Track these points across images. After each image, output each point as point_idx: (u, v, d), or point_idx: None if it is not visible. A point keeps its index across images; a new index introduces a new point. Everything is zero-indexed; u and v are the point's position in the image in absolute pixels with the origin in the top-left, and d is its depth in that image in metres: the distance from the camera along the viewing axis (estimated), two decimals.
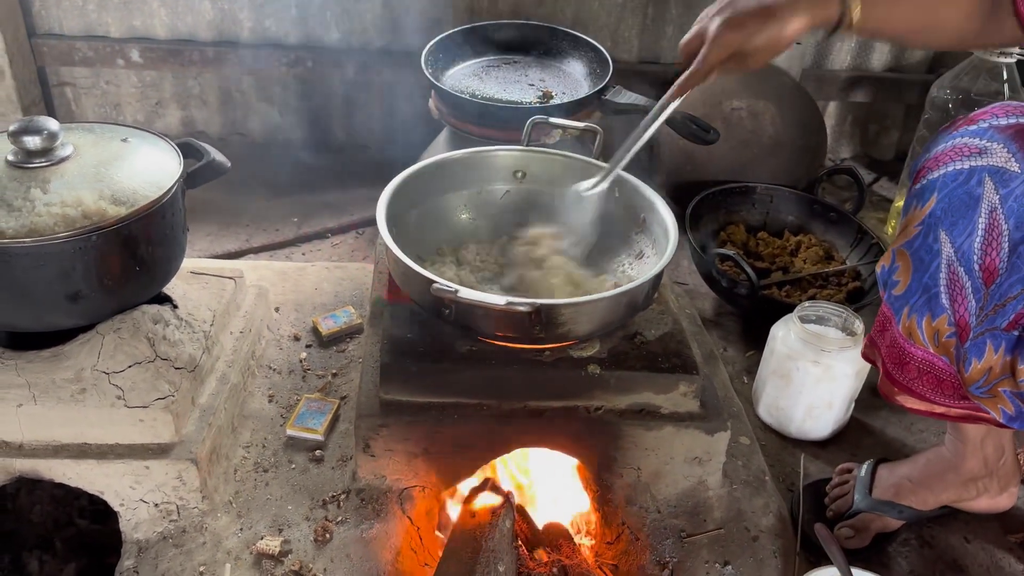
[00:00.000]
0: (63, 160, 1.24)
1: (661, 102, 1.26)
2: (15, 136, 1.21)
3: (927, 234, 1.07)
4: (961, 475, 1.38)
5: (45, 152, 1.23)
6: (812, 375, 1.51)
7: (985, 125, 1.07)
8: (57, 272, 1.18)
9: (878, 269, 1.16)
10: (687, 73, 1.18)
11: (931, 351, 1.10)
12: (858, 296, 1.90)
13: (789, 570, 1.31)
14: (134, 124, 2.44)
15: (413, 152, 2.12)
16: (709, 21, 1.13)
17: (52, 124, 1.23)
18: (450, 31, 2.08)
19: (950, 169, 1.06)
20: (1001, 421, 1.03)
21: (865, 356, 1.28)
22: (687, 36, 1.18)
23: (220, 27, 2.41)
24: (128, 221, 1.20)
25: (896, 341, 1.15)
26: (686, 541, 1.32)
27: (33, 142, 1.22)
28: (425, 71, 1.95)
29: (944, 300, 1.06)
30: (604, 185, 1.38)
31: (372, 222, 2.24)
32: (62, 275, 1.19)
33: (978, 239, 1.01)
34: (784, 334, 1.56)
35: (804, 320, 1.56)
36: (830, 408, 1.55)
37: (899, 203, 2.32)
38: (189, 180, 1.34)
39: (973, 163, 1.04)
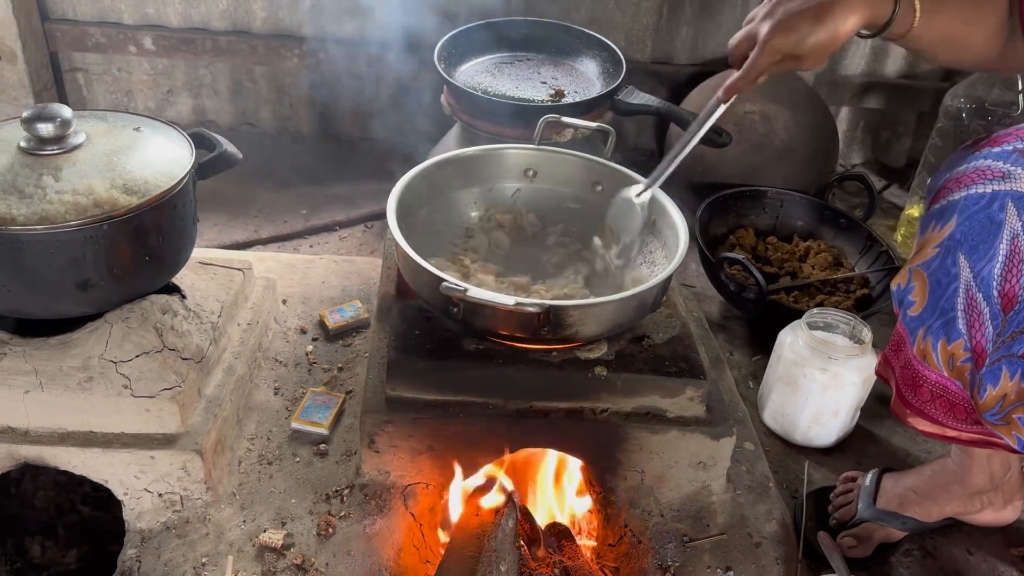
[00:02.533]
0: (75, 148, 1.24)
1: (708, 106, 1.23)
2: (28, 123, 1.21)
3: (945, 257, 1.05)
4: (966, 488, 1.37)
5: (58, 139, 1.23)
6: (819, 382, 1.51)
7: (1009, 148, 1.04)
8: (67, 260, 1.18)
9: (893, 287, 1.14)
10: (737, 76, 1.15)
11: (945, 374, 1.09)
12: (866, 303, 1.89)
13: None
14: (145, 112, 2.45)
15: (423, 147, 2.12)
16: (760, 23, 1.10)
17: (65, 111, 1.23)
18: (464, 27, 2.08)
19: (972, 192, 1.04)
20: (1016, 448, 1.02)
21: (879, 374, 1.27)
22: (736, 38, 1.16)
23: (233, 17, 2.41)
24: (139, 211, 1.20)
25: (910, 363, 1.13)
26: (688, 546, 1.32)
27: (46, 129, 1.22)
28: (438, 66, 1.95)
29: (961, 325, 1.04)
30: (654, 191, 1.38)
31: (381, 216, 2.26)
32: (72, 263, 1.19)
33: (998, 265, 0.99)
34: (792, 340, 1.55)
35: (812, 327, 1.55)
36: (836, 416, 1.55)
37: (910, 211, 2.31)
38: (200, 171, 1.34)
39: (996, 187, 1.02)
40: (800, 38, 1.06)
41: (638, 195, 1.39)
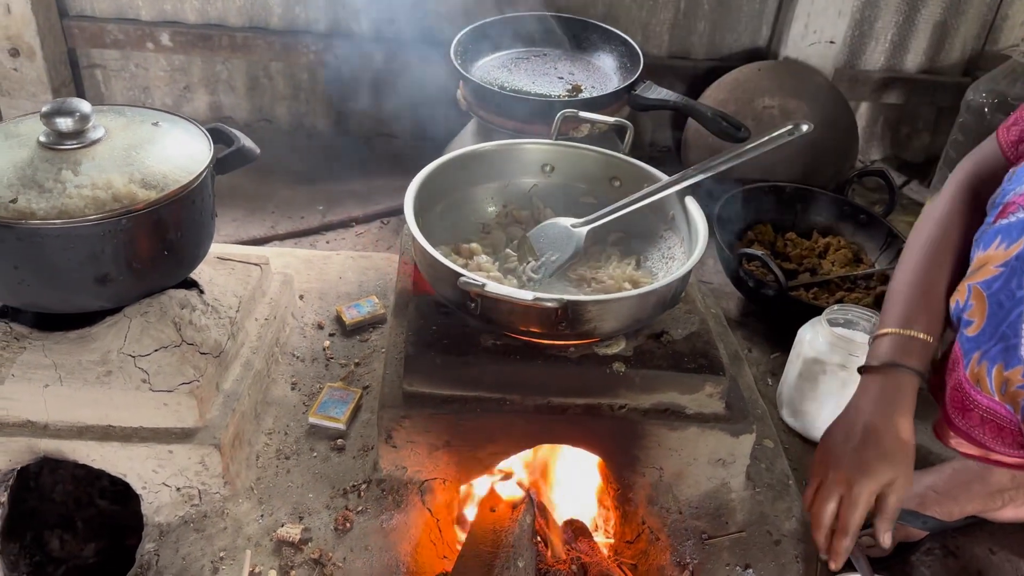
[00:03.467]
0: (94, 143, 1.24)
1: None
2: (48, 117, 1.21)
3: (1010, 278, 1.00)
4: (988, 486, 1.36)
5: (77, 134, 1.23)
6: (839, 379, 1.49)
7: None
8: (86, 254, 1.18)
9: (952, 303, 1.09)
10: (844, 540, 1.14)
11: (996, 399, 1.04)
12: None
13: (811, 575, 1.30)
14: (162, 108, 2.46)
15: (439, 143, 2.12)
16: (838, 486, 1.13)
17: (84, 106, 1.23)
18: (480, 22, 2.07)
19: None
20: None
21: (932, 391, 1.21)
22: (821, 505, 1.15)
23: (250, 13, 2.41)
24: (158, 205, 1.20)
25: (960, 385, 1.08)
26: (707, 543, 1.31)
27: (65, 124, 1.22)
28: (454, 62, 1.94)
29: (1023, 352, 0.99)
30: (591, 227, 1.40)
31: (397, 212, 2.26)
32: (91, 257, 1.19)
33: None
34: (812, 337, 1.54)
35: (832, 323, 1.54)
36: None
37: None
38: (219, 166, 1.34)
39: None
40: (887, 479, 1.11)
41: (575, 226, 1.40)
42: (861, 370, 1.19)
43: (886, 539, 1.14)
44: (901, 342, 1.15)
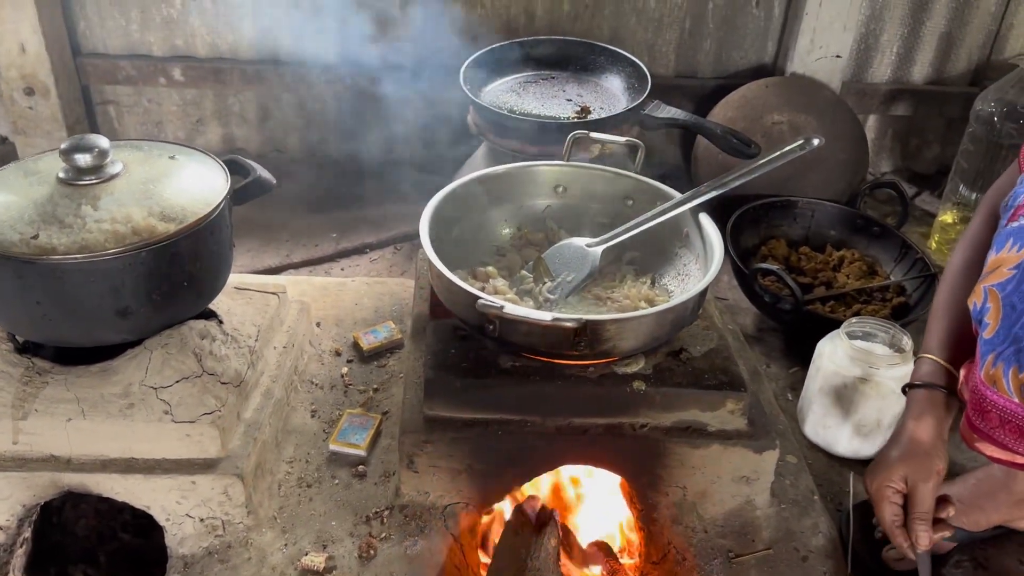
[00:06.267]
0: (113, 177, 1.26)
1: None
2: (66, 154, 1.23)
3: (1021, 281, 1.01)
4: (1012, 495, 1.34)
5: (95, 169, 1.25)
6: (860, 392, 1.48)
7: None
8: (107, 288, 1.19)
9: (970, 305, 1.10)
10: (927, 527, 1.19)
11: (1016, 400, 1.04)
12: (903, 312, 1.86)
13: None
14: (175, 141, 2.48)
15: (451, 168, 2.13)
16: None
17: (103, 141, 1.25)
18: (488, 47, 2.09)
19: None
20: None
21: (959, 394, 1.22)
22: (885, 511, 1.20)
23: (260, 46, 2.44)
24: (177, 238, 1.21)
25: (977, 387, 1.08)
26: (734, 562, 1.30)
27: (84, 159, 1.23)
28: (463, 87, 1.96)
29: None
30: (606, 245, 1.42)
31: (410, 237, 2.27)
32: (112, 291, 1.20)
33: None
34: (831, 351, 1.53)
35: (851, 336, 1.53)
36: (879, 426, 1.52)
37: (943, 217, 2.28)
38: (236, 197, 1.36)
39: None
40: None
41: (590, 245, 1.42)
42: (904, 390, 1.26)
43: (920, 539, 1.17)
44: (936, 369, 1.22)
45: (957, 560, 1.39)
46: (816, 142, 1.37)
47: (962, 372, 1.17)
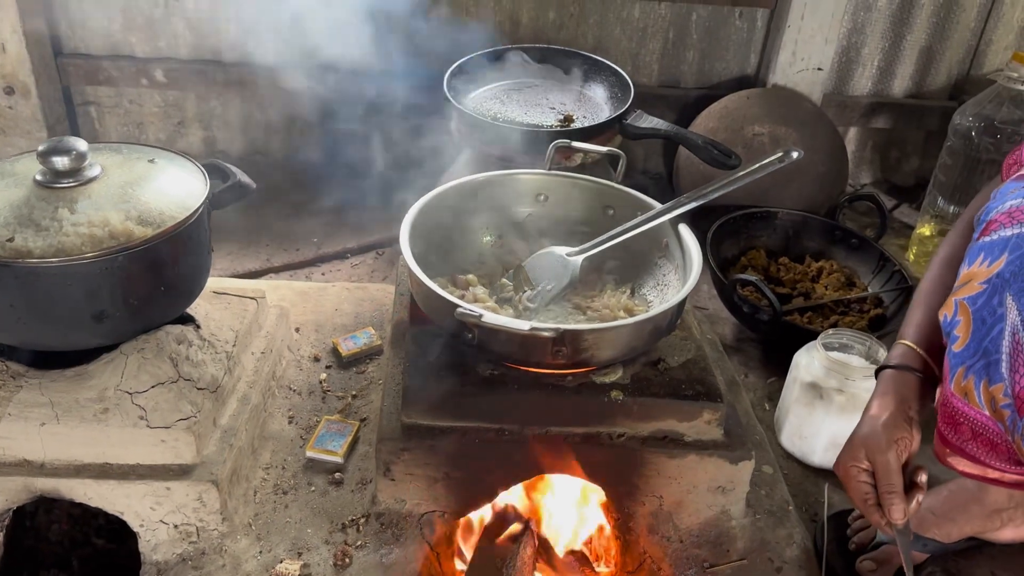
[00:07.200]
0: (91, 180, 1.25)
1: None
2: (44, 156, 1.22)
3: (992, 295, 1.01)
4: (985, 506, 1.36)
5: (73, 172, 1.24)
6: (836, 403, 1.50)
7: None
8: (83, 292, 1.18)
9: (940, 317, 1.10)
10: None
11: (986, 413, 1.04)
12: (880, 323, 1.88)
13: None
14: (156, 143, 2.46)
15: (433, 174, 2.13)
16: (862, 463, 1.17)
17: (81, 144, 1.24)
18: (472, 54, 2.09)
19: None
20: None
21: (935, 407, 1.21)
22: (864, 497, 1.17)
23: (243, 48, 2.43)
24: (154, 242, 1.20)
25: (948, 399, 1.09)
26: (709, 572, 1.31)
27: (61, 162, 1.22)
28: (447, 93, 1.96)
29: (1004, 369, 0.99)
30: (586, 255, 1.42)
31: (391, 242, 2.26)
32: (88, 295, 1.19)
33: None
34: (807, 362, 1.54)
35: (828, 347, 1.54)
36: None
37: (921, 230, 2.31)
38: (215, 201, 1.35)
39: None
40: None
41: (570, 254, 1.42)
42: (876, 373, 1.24)
43: (894, 512, 1.13)
44: (908, 352, 1.20)
45: (930, 571, 1.40)
46: (796, 155, 1.38)
47: (939, 391, 1.17)
